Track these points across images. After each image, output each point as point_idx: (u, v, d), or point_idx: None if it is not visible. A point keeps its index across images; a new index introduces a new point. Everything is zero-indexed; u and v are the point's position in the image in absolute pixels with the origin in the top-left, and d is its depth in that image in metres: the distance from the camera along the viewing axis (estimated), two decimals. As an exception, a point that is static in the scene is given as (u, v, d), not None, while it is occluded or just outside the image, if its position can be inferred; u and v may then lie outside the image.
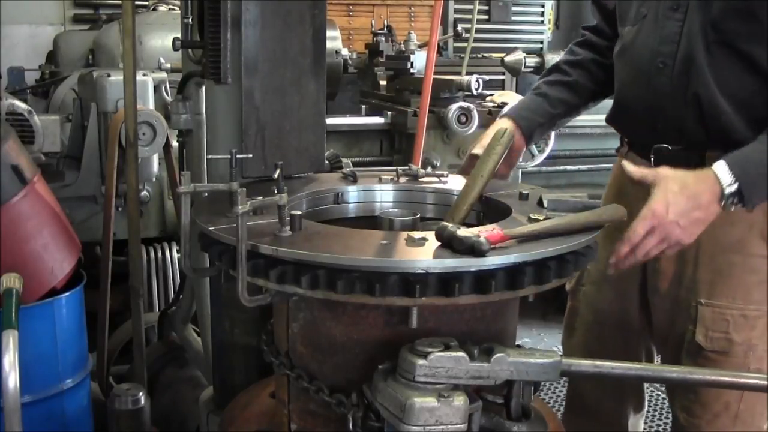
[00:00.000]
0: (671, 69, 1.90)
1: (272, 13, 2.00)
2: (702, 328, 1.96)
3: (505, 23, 7.67)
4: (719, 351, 1.95)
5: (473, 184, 1.80)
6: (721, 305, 1.95)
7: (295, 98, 2.08)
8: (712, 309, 1.96)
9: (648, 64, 1.95)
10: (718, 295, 1.95)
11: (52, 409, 2.24)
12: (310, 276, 1.39)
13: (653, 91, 1.95)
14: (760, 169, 1.70)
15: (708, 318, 1.96)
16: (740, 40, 1.80)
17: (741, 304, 1.94)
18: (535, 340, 4.43)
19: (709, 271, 1.96)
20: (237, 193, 1.44)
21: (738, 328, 1.94)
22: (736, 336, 1.95)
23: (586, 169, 4.52)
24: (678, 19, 1.88)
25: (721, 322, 1.95)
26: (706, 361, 1.96)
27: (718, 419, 1.99)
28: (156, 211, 3.65)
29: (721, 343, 1.95)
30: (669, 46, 1.90)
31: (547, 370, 1.43)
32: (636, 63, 2.00)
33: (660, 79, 1.93)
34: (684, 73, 1.88)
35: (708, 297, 1.96)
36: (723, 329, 1.95)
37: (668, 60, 1.90)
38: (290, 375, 1.60)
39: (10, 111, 3.05)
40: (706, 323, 1.96)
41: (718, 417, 1.99)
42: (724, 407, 1.98)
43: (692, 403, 2.02)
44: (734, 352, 1.95)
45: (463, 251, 1.38)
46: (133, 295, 2.75)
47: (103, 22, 5.98)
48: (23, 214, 2.22)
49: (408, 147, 4.00)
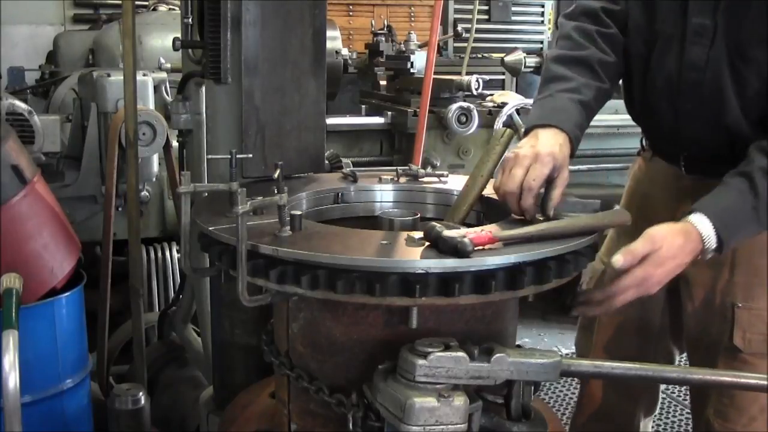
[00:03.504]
0: (699, 97, 1.84)
1: (272, 13, 2.00)
2: (740, 331, 1.94)
3: (505, 23, 7.69)
4: (757, 353, 1.94)
5: (473, 184, 1.80)
6: (758, 307, 1.93)
7: (295, 98, 2.09)
8: (749, 311, 1.93)
9: (672, 88, 1.88)
10: (756, 297, 1.93)
11: (52, 409, 2.24)
12: (310, 276, 1.39)
13: (679, 115, 1.90)
14: (739, 221, 1.70)
15: (745, 320, 1.94)
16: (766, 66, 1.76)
17: None
18: (535, 340, 4.43)
19: (745, 274, 1.93)
20: (237, 193, 1.44)
21: None
22: None
23: (586, 169, 4.53)
24: (704, 45, 1.80)
25: (759, 324, 1.93)
26: (743, 365, 1.94)
27: (755, 422, 1.96)
28: (156, 211, 3.65)
29: (759, 345, 1.94)
30: (695, 73, 1.83)
31: (547, 370, 1.43)
32: (659, 84, 1.92)
33: (686, 105, 1.87)
34: (712, 101, 1.83)
35: (745, 300, 1.94)
36: (761, 331, 1.93)
37: (695, 87, 1.84)
38: (290, 375, 1.60)
39: (10, 111, 3.05)
40: (743, 326, 1.94)
41: (755, 420, 1.96)
42: (759, 410, 1.96)
43: (727, 407, 1.99)
44: None
45: (447, 252, 1.39)
46: (133, 295, 2.75)
47: (103, 22, 5.99)
48: (23, 214, 2.22)
49: (408, 147, 4.00)
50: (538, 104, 1.87)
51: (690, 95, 1.86)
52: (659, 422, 3.66)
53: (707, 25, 1.79)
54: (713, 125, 1.85)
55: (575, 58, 1.91)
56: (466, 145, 4.19)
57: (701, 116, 1.87)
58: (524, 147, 1.71)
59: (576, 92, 1.85)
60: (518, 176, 1.64)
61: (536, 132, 1.76)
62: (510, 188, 1.65)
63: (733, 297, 1.95)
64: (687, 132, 1.92)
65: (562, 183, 1.68)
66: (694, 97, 1.86)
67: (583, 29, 1.95)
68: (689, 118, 1.89)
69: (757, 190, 1.67)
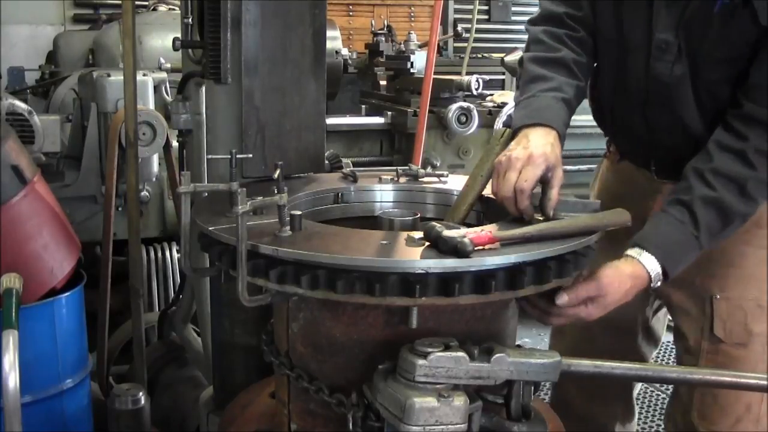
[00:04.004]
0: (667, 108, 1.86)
1: (272, 13, 2.01)
2: (720, 321, 1.97)
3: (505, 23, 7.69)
4: (739, 343, 1.96)
5: (473, 184, 1.80)
6: (736, 297, 1.96)
7: (295, 98, 2.09)
8: (728, 302, 1.97)
9: (641, 98, 1.91)
10: (732, 287, 1.96)
11: (52, 409, 2.24)
12: (310, 276, 1.39)
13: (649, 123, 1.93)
14: (683, 251, 1.72)
15: (724, 311, 1.97)
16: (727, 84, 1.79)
17: (756, 294, 1.95)
18: (535, 340, 4.43)
19: (721, 265, 1.96)
20: (237, 193, 1.44)
21: (755, 318, 1.96)
22: (754, 326, 1.96)
23: (586, 169, 4.52)
24: (668, 61, 1.81)
25: (738, 312, 1.96)
26: (726, 358, 1.96)
27: (740, 423, 1.97)
28: (156, 211, 3.65)
29: (741, 334, 1.96)
30: (661, 86, 1.84)
31: (547, 370, 1.43)
32: (628, 92, 1.94)
33: (654, 115, 1.90)
34: (679, 113, 1.85)
35: (722, 290, 1.97)
36: (740, 320, 1.96)
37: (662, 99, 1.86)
38: (290, 375, 1.60)
39: (10, 111, 3.05)
40: (723, 316, 1.97)
41: (740, 421, 1.97)
42: (745, 409, 1.97)
43: (709, 408, 1.99)
44: (753, 345, 1.96)
45: (447, 252, 1.39)
46: (133, 295, 2.75)
47: (103, 22, 6.00)
48: (23, 214, 2.22)
49: (408, 147, 4.00)
50: (522, 105, 1.87)
51: (658, 106, 1.88)
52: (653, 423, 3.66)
53: (671, 41, 1.79)
54: (682, 134, 1.87)
55: (551, 59, 1.92)
56: (466, 145, 4.19)
57: (670, 126, 1.89)
58: (516, 149, 1.71)
59: (558, 90, 1.86)
60: (512, 180, 1.65)
61: (525, 132, 1.77)
62: (505, 192, 1.66)
63: (710, 290, 1.98)
64: (657, 140, 1.94)
65: (558, 182, 1.69)
66: (663, 108, 1.87)
67: (552, 33, 1.96)
68: (659, 127, 1.91)
69: (698, 220, 1.70)
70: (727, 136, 1.75)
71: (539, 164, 1.66)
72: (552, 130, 1.77)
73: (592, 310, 1.64)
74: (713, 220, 1.71)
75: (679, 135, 1.88)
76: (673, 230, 1.72)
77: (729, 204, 1.71)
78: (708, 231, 1.71)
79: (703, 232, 1.70)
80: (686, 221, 1.71)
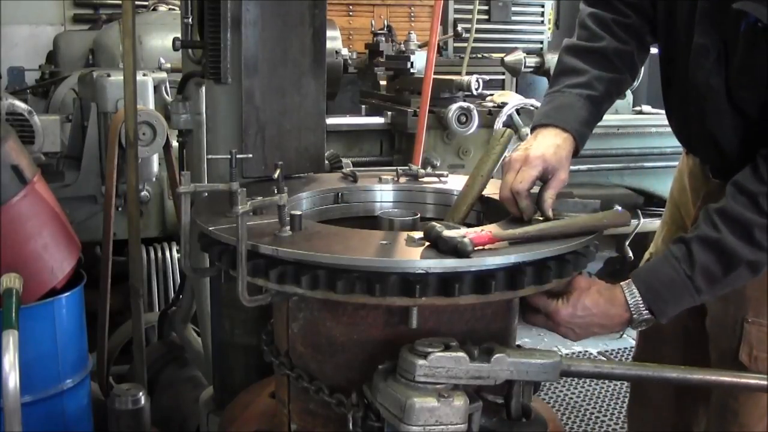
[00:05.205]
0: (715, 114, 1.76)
1: (272, 13, 2.01)
2: (746, 347, 1.85)
3: (505, 23, 7.68)
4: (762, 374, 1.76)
5: (473, 184, 1.80)
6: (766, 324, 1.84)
7: (295, 98, 2.09)
8: (758, 327, 1.85)
9: (694, 102, 1.81)
10: (766, 313, 1.84)
11: (52, 409, 2.24)
12: (310, 276, 1.39)
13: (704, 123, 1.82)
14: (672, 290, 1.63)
15: (754, 336, 1.85)
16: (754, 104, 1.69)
17: None
18: (535, 340, 4.43)
19: (756, 289, 1.83)
20: (237, 193, 1.44)
21: None
22: None
23: (586, 169, 4.53)
24: (706, 69, 1.71)
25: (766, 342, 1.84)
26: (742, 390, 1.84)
27: None
28: (156, 211, 3.65)
29: (766, 366, 1.83)
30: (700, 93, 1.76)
31: (547, 370, 1.43)
32: (683, 95, 1.84)
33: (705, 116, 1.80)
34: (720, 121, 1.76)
35: (755, 315, 1.85)
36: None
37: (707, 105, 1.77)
38: (290, 375, 1.60)
39: (10, 111, 3.05)
40: (751, 341, 1.85)
41: None
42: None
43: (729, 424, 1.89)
44: None
45: (447, 252, 1.39)
46: (133, 295, 2.75)
47: (103, 22, 6.00)
48: (23, 214, 2.22)
49: (408, 147, 4.00)
50: (546, 100, 1.85)
51: (705, 109, 1.78)
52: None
53: (708, 47, 1.70)
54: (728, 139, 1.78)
55: (589, 49, 1.86)
56: (466, 145, 4.18)
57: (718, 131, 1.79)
58: (519, 150, 1.71)
59: (586, 87, 1.81)
60: (509, 181, 1.66)
61: (537, 132, 1.76)
62: (503, 194, 1.67)
63: (744, 310, 1.86)
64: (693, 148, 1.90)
65: (556, 184, 1.68)
66: (712, 112, 1.77)
67: (598, 17, 1.89)
68: (712, 128, 1.79)
69: (694, 260, 1.60)
70: (749, 177, 1.62)
71: (536, 165, 1.66)
72: (564, 131, 1.74)
73: (560, 306, 1.60)
74: (713, 263, 1.59)
75: (725, 139, 1.77)
76: (665, 267, 1.63)
77: (732, 248, 1.58)
78: (705, 274, 1.60)
79: (699, 273, 1.60)
80: (681, 259, 1.61)
